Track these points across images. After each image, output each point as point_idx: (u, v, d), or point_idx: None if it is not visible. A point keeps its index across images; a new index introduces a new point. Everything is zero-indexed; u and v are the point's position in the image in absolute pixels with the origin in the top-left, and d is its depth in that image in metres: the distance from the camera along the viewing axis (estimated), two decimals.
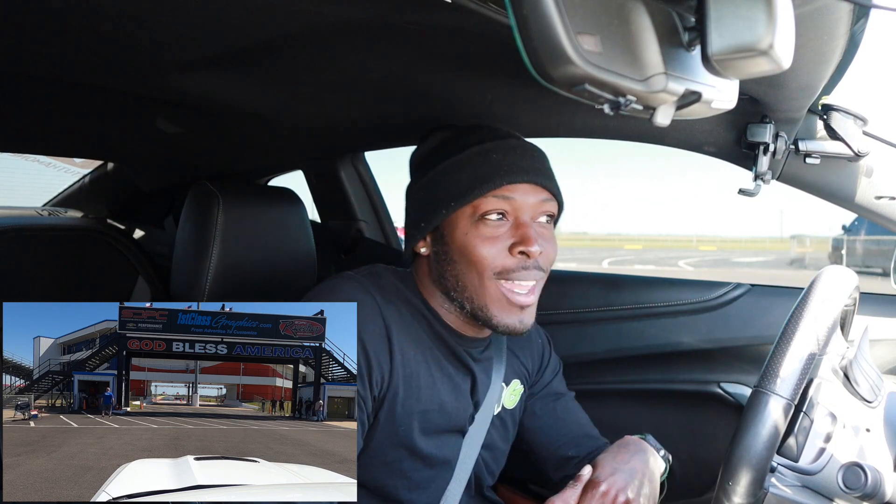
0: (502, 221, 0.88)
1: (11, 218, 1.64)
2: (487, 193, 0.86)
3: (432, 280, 0.95)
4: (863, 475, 0.73)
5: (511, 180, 0.86)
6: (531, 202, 0.88)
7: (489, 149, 0.89)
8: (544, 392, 1.12)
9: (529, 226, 0.88)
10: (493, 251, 0.87)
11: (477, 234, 0.87)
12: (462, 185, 0.87)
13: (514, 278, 0.88)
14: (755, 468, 0.69)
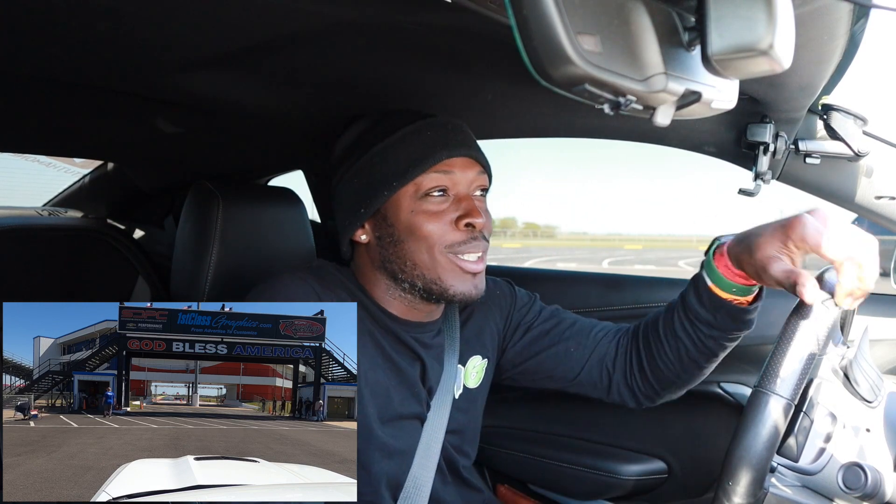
0: (444, 197, 0.91)
1: (11, 218, 1.64)
2: (428, 170, 0.89)
3: (375, 267, 0.95)
4: (863, 475, 0.73)
5: (449, 155, 0.90)
6: (469, 176, 0.92)
7: (421, 127, 0.91)
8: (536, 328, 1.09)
9: (471, 199, 0.91)
10: (441, 227, 0.90)
11: (422, 210, 0.90)
12: (401, 164, 0.89)
13: (462, 251, 0.90)
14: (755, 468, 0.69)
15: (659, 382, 0.99)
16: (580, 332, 1.05)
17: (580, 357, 1.04)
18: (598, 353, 1.04)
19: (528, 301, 1.12)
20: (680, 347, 0.93)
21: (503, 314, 1.09)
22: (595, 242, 46.96)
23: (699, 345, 0.91)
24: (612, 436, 1.40)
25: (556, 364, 1.06)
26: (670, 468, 1.36)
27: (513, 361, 1.09)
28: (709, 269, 0.85)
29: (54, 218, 1.78)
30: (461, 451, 1.04)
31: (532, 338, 1.08)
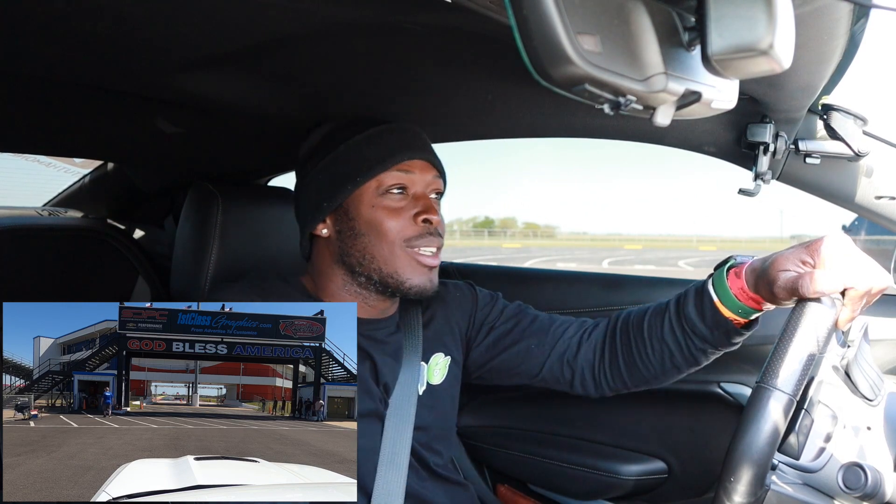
0: (403, 195, 0.97)
1: (11, 218, 1.64)
2: (390, 168, 0.95)
3: (333, 262, 0.99)
4: (863, 475, 0.73)
5: (411, 156, 0.97)
6: (427, 178, 0.99)
7: (385, 130, 0.98)
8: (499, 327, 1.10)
9: (428, 198, 0.98)
10: (400, 222, 0.95)
11: (382, 206, 0.95)
12: (366, 161, 0.95)
13: (419, 245, 0.96)
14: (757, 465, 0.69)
15: (632, 379, 1.00)
16: (541, 329, 1.07)
17: (541, 354, 1.06)
18: (559, 348, 1.05)
19: (491, 301, 1.14)
20: (665, 352, 0.94)
21: (466, 315, 1.12)
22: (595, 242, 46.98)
23: (686, 354, 0.92)
24: (612, 436, 1.40)
25: (519, 361, 1.08)
26: (670, 468, 1.36)
27: (478, 361, 1.11)
28: (719, 287, 0.86)
29: (54, 218, 1.78)
30: (431, 449, 1.04)
31: (496, 337, 1.10)
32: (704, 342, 0.89)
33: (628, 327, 1.00)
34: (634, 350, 0.97)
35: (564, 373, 1.05)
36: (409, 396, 1.01)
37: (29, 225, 1.66)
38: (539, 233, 64.12)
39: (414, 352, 1.04)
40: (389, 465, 0.96)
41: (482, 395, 1.55)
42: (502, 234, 60.88)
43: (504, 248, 35.41)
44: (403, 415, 0.99)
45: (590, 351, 1.03)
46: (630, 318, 1.00)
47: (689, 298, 0.90)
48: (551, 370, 1.06)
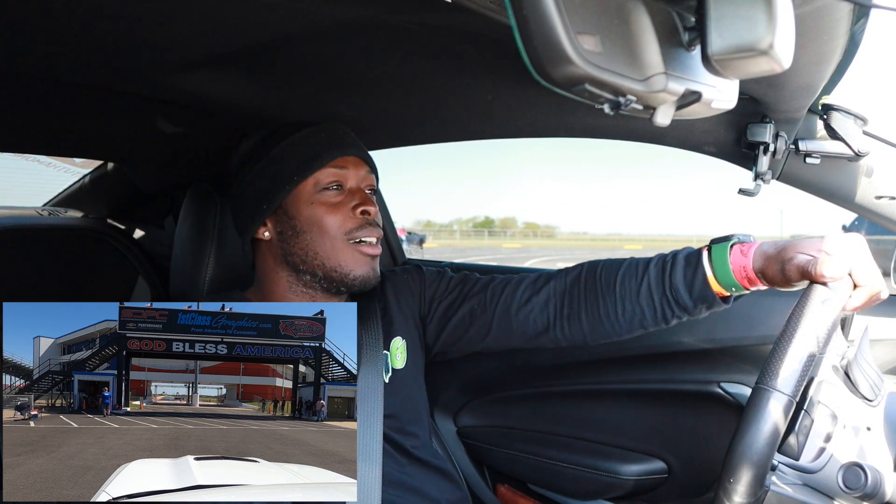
0: (339, 191, 1.00)
1: (11, 218, 1.64)
2: (325, 165, 0.98)
3: (277, 264, 1.01)
4: (863, 475, 0.73)
5: (343, 153, 1.00)
6: (360, 174, 1.02)
7: (316, 130, 1.01)
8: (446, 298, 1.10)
9: (363, 191, 1.01)
10: (339, 216, 0.98)
11: (321, 202, 0.98)
12: (300, 161, 0.98)
13: (360, 235, 0.99)
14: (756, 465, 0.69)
15: (593, 334, 0.99)
16: (482, 290, 1.07)
17: (485, 313, 1.05)
18: (504, 304, 1.04)
19: (437, 276, 1.14)
20: (636, 314, 0.94)
21: (416, 296, 1.13)
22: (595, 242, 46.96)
23: (659, 318, 0.92)
24: (612, 436, 1.40)
25: (466, 326, 1.07)
26: (670, 468, 1.36)
27: (433, 337, 1.12)
28: (717, 261, 0.86)
29: (54, 218, 1.77)
30: (405, 433, 1.03)
31: (443, 309, 1.10)
32: (683, 311, 0.90)
33: (596, 284, 0.98)
34: (601, 308, 0.96)
35: (514, 327, 1.03)
36: (374, 387, 1.00)
37: (29, 225, 1.65)
38: (539, 233, 64.13)
39: (375, 342, 1.04)
40: (363, 458, 0.95)
41: (482, 395, 1.55)
42: (502, 234, 60.90)
43: (504, 248, 35.40)
44: (371, 406, 0.99)
45: (541, 303, 1.01)
46: (598, 273, 0.98)
47: (678, 268, 0.90)
48: (500, 327, 1.04)
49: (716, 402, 1.30)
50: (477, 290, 1.08)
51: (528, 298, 1.03)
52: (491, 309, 1.04)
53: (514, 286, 1.05)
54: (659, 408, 1.37)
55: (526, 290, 1.03)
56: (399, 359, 1.07)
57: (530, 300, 1.02)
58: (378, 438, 0.97)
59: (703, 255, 0.88)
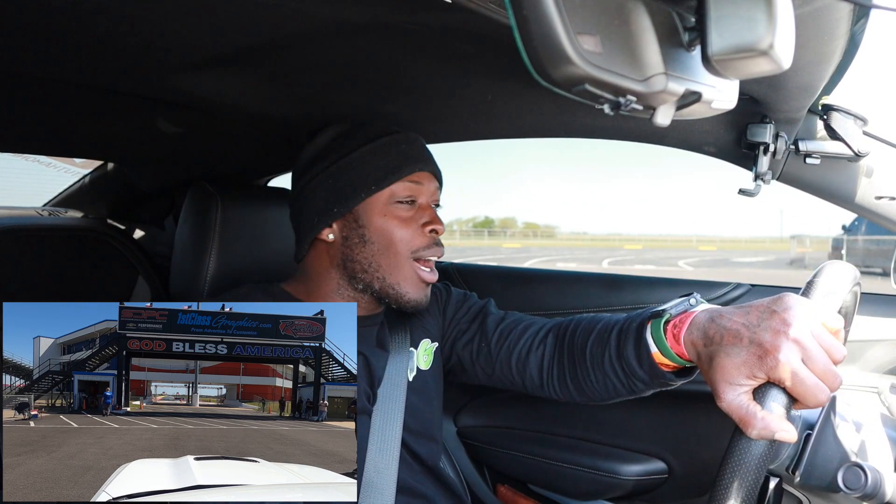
0: (411, 206, 0.99)
1: (11, 218, 1.64)
2: (403, 178, 0.97)
3: (332, 266, 1.00)
4: (863, 475, 0.73)
5: (421, 168, 0.99)
6: (431, 189, 1.01)
7: (397, 140, 0.99)
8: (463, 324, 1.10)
9: (431, 209, 1.01)
10: (409, 232, 0.97)
11: (393, 216, 0.97)
12: (380, 170, 0.96)
13: (425, 255, 0.98)
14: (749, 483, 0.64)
15: (580, 396, 0.98)
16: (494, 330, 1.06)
17: (489, 354, 1.06)
18: (505, 352, 1.04)
19: (463, 299, 1.15)
20: (607, 383, 0.92)
21: (440, 309, 1.14)
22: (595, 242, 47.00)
23: (628, 388, 0.90)
24: (612, 436, 1.40)
25: (472, 360, 1.08)
26: (670, 468, 1.36)
27: (446, 357, 1.12)
28: (657, 340, 0.80)
29: (54, 218, 1.78)
30: (422, 436, 1.04)
31: (458, 333, 1.11)
32: (644, 384, 0.87)
33: (573, 349, 0.97)
34: (579, 373, 0.95)
35: (514, 376, 1.04)
36: (398, 384, 1.01)
37: (29, 225, 1.66)
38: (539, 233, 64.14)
39: (403, 339, 1.05)
40: (379, 454, 0.96)
41: (482, 396, 1.55)
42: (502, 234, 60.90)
43: (504, 248, 35.43)
44: (393, 403, 1.00)
45: (537, 361, 1.01)
46: (575, 338, 0.97)
47: (629, 340, 0.85)
48: (503, 371, 1.05)
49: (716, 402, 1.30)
50: (489, 325, 1.08)
51: (527, 353, 1.03)
52: (496, 352, 1.05)
53: (518, 334, 1.04)
54: (659, 408, 1.37)
55: (526, 342, 1.03)
56: (425, 360, 1.08)
57: (529, 356, 1.03)
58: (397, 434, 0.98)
59: (646, 328, 0.82)
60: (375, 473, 0.95)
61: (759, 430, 0.61)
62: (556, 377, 1.00)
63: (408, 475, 0.99)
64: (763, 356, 0.63)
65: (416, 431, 1.02)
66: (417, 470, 1.02)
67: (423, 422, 1.04)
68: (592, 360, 0.93)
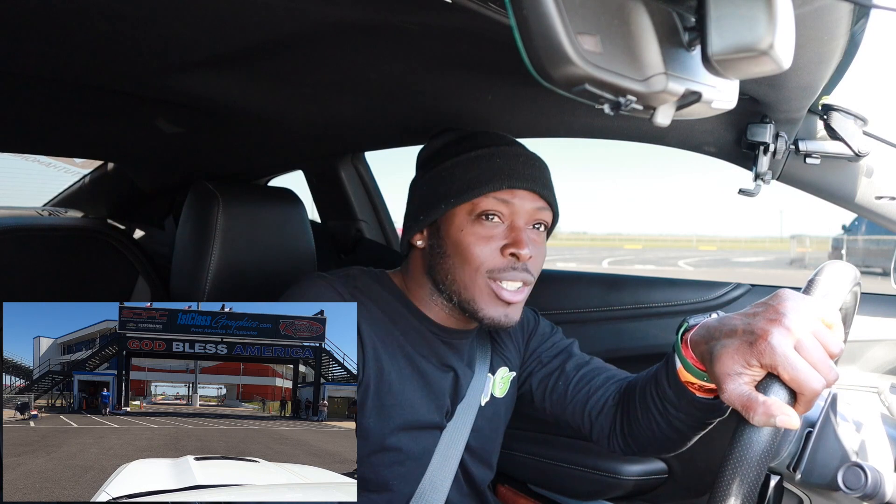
0: (497, 223, 0.92)
1: (11, 218, 1.64)
2: (488, 194, 0.90)
3: (424, 272, 0.98)
4: (863, 475, 0.73)
5: (511, 185, 0.90)
6: (527, 208, 0.92)
7: (494, 153, 0.93)
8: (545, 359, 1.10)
9: (523, 230, 0.92)
10: (487, 250, 0.91)
11: (472, 231, 0.91)
12: (464, 183, 0.91)
13: (502, 278, 0.91)
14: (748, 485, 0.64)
15: (636, 445, 0.98)
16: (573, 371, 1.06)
17: (565, 396, 1.05)
18: (582, 398, 1.03)
19: (550, 332, 1.14)
20: (651, 422, 0.91)
21: (524, 338, 1.12)
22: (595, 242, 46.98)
23: (668, 424, 0.89)
24: None
25: (545, 396, 1.07)
26: (670, 468, 1.36)
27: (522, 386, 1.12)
28: (679, 354, 0.79)
29: (54, 218, 1.78)
30: (481, 460, 1.05)
31: (537, 365, 1.10)
32: (677, 410, 0.84)
33: (629, 392, 0.97)
34: (631, 417, 0.95)
35: (584, 424, 1.03)
36: (472, 406, 1.02)
37: (29, 225, 1.66)
38: None
39: (484, 361, 1.05)
40: (438, 471, 0.98)
41: None
42: None
43: None
44: (462, 424, 1.00)
45: (612, 410, 1.02)
46: (636, 381, 0.97)
47: (663, 364, 0.86)
48: (574, 417, 1.04)
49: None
50: (571, 367, 1.07)
51: (602, 404, 1.02)
52: (572, 395, 1.04)
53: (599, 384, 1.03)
54: None
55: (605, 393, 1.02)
56: (500, 388, 1.08)
57: (604, 407, 1.02)
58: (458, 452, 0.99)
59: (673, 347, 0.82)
60: (430, 487, 0.96)
61: (760, 414, 0.60)
62: (619, 427, 1.00)
63: (455, 495, 1.00)
64: (754, 342, 0.63)
65: (476, 454, 1.03)
66: (466, 493, 1.04)
67: (485, 446, 1.05)
68: (641, 400, 0.93)
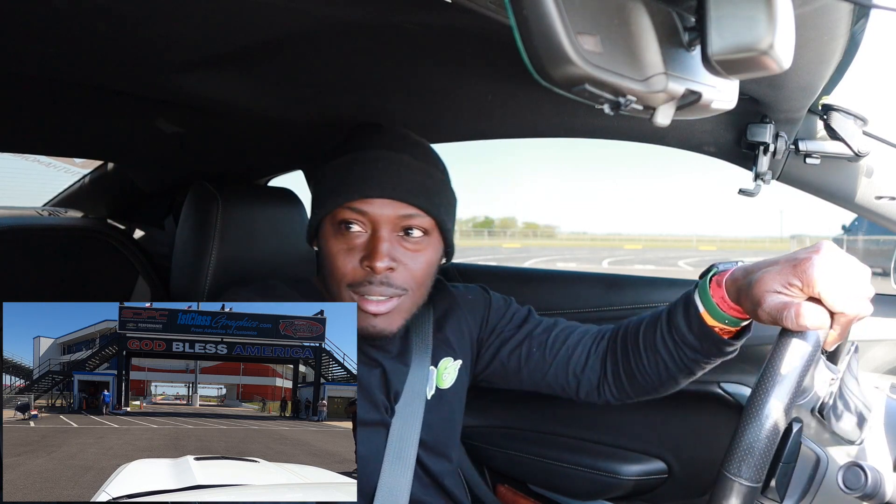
0: (359, 232, 0.90)
1: (11, 218, 1.64)
2: (344, 204, 0.89)
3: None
4: (863, 475, 0.73)
5: (364, 194, 0.88)
6: (388, 215, 0.89)
7: (355, 160, 0.91)
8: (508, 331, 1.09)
9: (383, 240, 0.88)
10: (348, 263, 0.90)
11: (335, 242, 0.91)
12: (325, 193, 0.91)
13: (362, 292, 0.89)
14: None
15: (633, 390, 0.99)
16: (545, 336, 1.05)
17: (544, 361, 1.04)
18: (563, 357, 1.03)
19: (504, 304, 1.12)
20: (659, 363, 0.92)
21: (477, 319, 1.10)
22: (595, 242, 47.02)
23: (679, 364, 0.90)
24: (612, 436, 1.40)
25: (520, 366, 1.06)
26: (670, 468, 1.36)
27: (485, 364, 1.10)
28: (703, 296, 0.83)
29: (54, 218, 1.78)
30: (439, 453, 1.04)
31: (502, 341, 1.08)
32: (695, 352, 0.87)
33: (626, 338, 0.98)
34: (632, 361, 0.96)
35: (570, 381, 1.03)
36: (416, 401, 1.00)
37: (29, 225, 1.66)
38: (539, 233, 64.14)
39: (423, 356, 1.03)
40: (393, 473, 0.96)
41: (482, 396, 1.55)
42: (502, 234, 60.89)
43: (504, 248, 35.43)
44: (410, 419, 0.99)
45: (597, 363, 1.02)
46: (628, 328, 0.99)
47: (679, 308, 0.88)
48: (556, 377, 1.04)
49: (716, 402, 1.30)
50: (539, 331, 1.06)
51: (586, 357, 1.02)
52: (550, 357, 1.04)
53: (575, 339, 1.04)
54: (659, 408, 1.37)
55: (585, 347, 1.03)
56: (447, 379, 1.06)
57: (588, 359, 1.02)
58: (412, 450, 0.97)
59: (694, 291, 0.85)
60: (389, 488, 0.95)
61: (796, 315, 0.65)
62: (612, 375, 1.00)
63: (418, 489, 0.99)
64: (797, 265, 0.68)
65: (431, 448, 1.02)
66: (428, 483, 1.02)
67: (438, 439, 1.04)
68: (645, 342, 0.93)
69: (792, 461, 0.78)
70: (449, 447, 1.07)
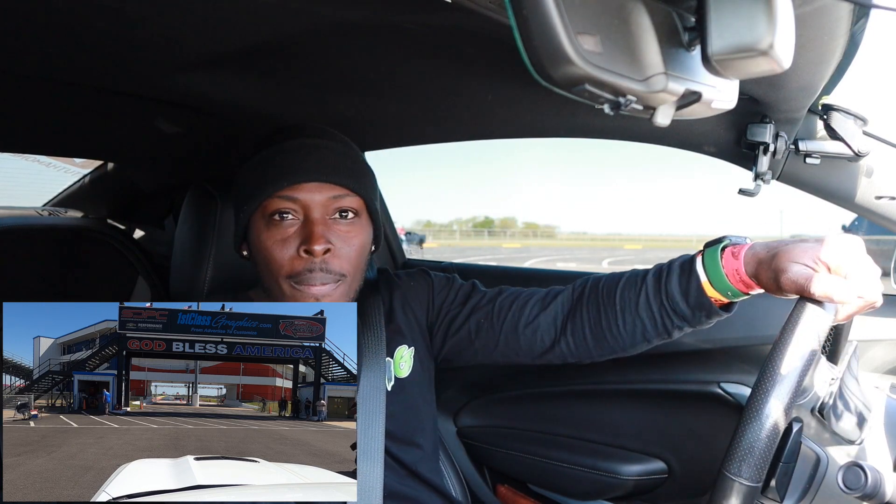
0: (292, 221, 0.90)
1: (11, 218, 1.64)
2: (273, 195, 0.89)
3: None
4: (863, 475, 0.73)
5: (293, 181, 0.88)
6: (319, 199, 0.90)
7: (276, 152, 0.91)
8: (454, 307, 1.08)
9: (317, 223, 0.89)
10: (285, 253, 0.89)
11: (269, 235, 0.90)
12: (250, 189, 0.91)
13: (303, 281, 0.89)
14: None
15: (598, 349, 0.97)
16: (490, 303, 1.04)
17: (492, 327, 1.02)
18: (510, 322, 1.01)
19: (446, 283, 1.11)
20: (637, 326, 0.91)
21: (423, 303, 1.09)
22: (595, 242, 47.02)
23: (660, 328, 0.89)
24: (612, 436, 1.40)
25: (472, 338, 1.05)
26: (670, 468, 1.36)
27: (440, 344, 1.09)
28: (710, 266, 0.83)
29: (54, 218, 1.78)
30: (408, 442, 1.02)
31: (451, 318, 1.07)
32: (682, 320, 0.87)
33: (598, 297, 0.95)
34: (604, 321, 0.93)
35: (521, 343, 1.01)
36: (376, 394, 0.99)
37: (29, 225, 1.66)
38: (539, 233, 64.16)
39: (377, 348, 1.02)
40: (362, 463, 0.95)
41: (482, 395, 1.55)
42: (502, 234, 60.91)
43: (504, 248, 35.44)
44: (372, 413, 0.98)
45: (549, 320, 0.99)
46: (600, 287, 0.96)
47: (673, 275, 0.87)
48: (507, 343, 1.02)
49: (715, 402, 1.30)
50: (485, 302, 1.05)
51: (535, 315, 1.00)
52: (498, 324, 1.02)
53: (522, 302, 1.02)
54: (659, 408, 1.37)
55: (534, 307, 1.01)
56: (404, 367, 1.05)
57: (538, 317, 1.00)
58: (379, 442, 0.96)
59: (697, 260, 0.85)
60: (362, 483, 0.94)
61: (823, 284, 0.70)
62: (571, 332, 0.97)
63: (394, 480, 0.99)
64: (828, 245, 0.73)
65: (399, 438, 1.01)
66: (404, 474, 1.01)
67: (405, 429, 1.03)
68: (623, 304, 0.91)
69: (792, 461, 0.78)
70: (417, 435, 1.05)
